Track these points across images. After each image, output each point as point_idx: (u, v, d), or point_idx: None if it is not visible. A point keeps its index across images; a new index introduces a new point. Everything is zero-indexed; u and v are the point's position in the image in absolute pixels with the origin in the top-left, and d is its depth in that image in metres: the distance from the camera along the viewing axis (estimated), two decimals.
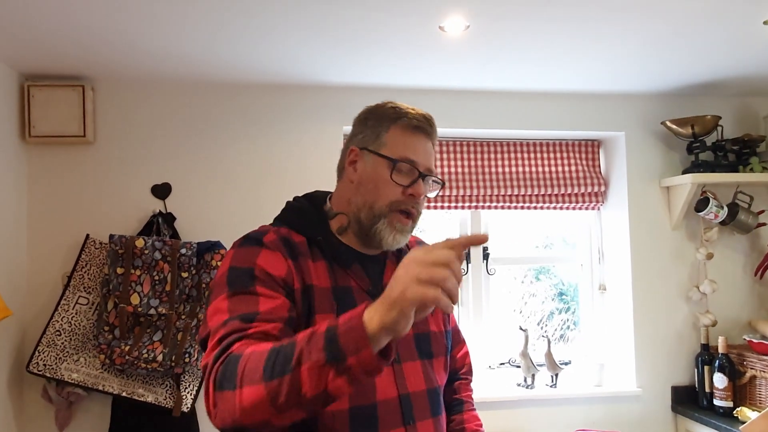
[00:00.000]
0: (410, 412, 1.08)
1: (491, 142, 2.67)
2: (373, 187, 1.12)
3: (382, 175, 1.12)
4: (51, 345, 2.10)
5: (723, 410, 2.38)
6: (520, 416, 2.50)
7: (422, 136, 1.15)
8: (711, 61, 2.22)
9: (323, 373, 0.78)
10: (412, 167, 1.12)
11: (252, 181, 2.38)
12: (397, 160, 1.11)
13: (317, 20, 1.78)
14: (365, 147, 1.15)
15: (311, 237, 1.12)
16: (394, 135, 1.13)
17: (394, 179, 1.11)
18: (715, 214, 2.50)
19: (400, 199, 1.12)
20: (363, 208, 1.13)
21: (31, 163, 2.25)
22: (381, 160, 1.12)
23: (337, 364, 0.77)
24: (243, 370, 0.84)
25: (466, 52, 2.07)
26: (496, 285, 2.74)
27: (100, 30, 1.83)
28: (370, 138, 1.15)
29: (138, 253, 2.12)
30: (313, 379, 0.78)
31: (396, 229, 1.12)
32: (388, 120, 1.15)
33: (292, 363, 0.80)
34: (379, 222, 1.11)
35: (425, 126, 1.16)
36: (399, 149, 1.12)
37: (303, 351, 0.80)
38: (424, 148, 1.15)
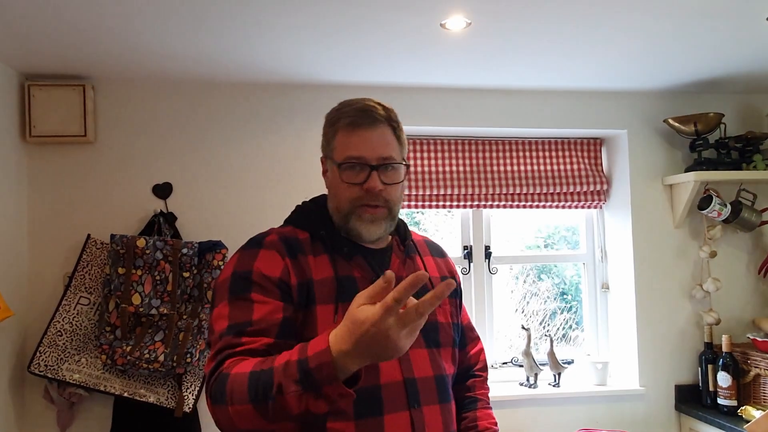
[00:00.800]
0: (416, 396, 1.10)
1: (493, 141, 2.66)
2: (335, 192, 1.19)
3: (337, 178, 1.17)
4: (52, 345, 2.09)
5: (727, 409, 2.37)
6: (522, 415, 2.49)
7: (364, 129, 1.15)
8: (714, 58, 2.21)
9: (303, 399, 0.86)
10: (360, 164, 1.14)
11: (253, 181, 2.38)
12: (341, 162, 1.15)
13: (318, 19, 1.77)
14: (325, 155, 1.22)
15: (314, 232, 1.18)
16: (339, 138, 1.17)
17: (345, 180, 1.15)
18: (718, 212, 2.49)
19: (359, 196, 1.15)
20: (335, 212, 1.19)
21: (31, 163, 2.25)
22: (334, 166, 1.18)
23: (314, 391, 0.85)
24: (231, 391, 0.93)
25: (468, 49, 2.06)
26: (498, 284, 2.73)
27: (100, 29, 1.82)
28: (326, 146, 1.22)
29: (139, 253, 2.11)
30: (296, 403, 0.86)
31: (365, 220, 1.15)
32: (332, 124, 1.20)
33: (272, 392, 0.88)
34: (350, 221, 1.16)
35: (362, 119, 1.15)
36: (344, 150, 1.15)
37: (282, 383, 0.87)
38: (369, 139, 1.15)
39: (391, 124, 1.18)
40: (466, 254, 2.68)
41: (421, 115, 2.49)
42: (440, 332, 1.21)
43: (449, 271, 1.33)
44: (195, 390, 2.18)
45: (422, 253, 1.30)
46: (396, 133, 1.19)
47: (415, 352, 1.14)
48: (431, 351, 1.17)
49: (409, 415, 1.08)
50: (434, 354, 1.17)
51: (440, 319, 1.22)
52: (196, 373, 2.20)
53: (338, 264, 1.15)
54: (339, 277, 1.13)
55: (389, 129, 1.17)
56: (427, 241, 1.37)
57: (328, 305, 1.10)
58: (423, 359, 1.15)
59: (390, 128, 1.17)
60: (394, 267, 1.21)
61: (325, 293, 1.10)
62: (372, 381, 1.07)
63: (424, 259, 1.28)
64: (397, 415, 1.07)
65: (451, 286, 0.82)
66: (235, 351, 1.00)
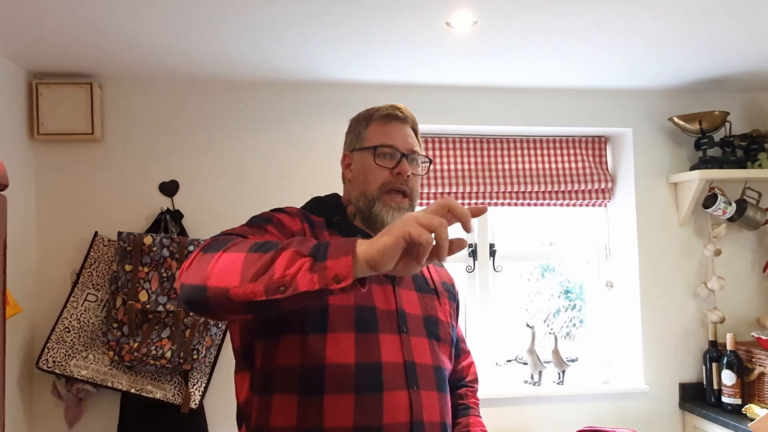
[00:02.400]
0: (415, 378, 1.12)
1: (498, 139, 2.66)
2: (363, 177, 1.24)
3: (368, 163, 1.24)
4: (60, 342, 2.11)
5: (731, 407, 2.37)
6: (527, 413, 2.50)
7: (396, 123, 1.27)
8: (719, 56, 2.20)
9: (298, 261, 0.85)
10: (393, 150, 1.23)
11: (259, 178, 2.39)
12: (377, 146, 1.24)
13: (324, 17, 1.78)
14: (353, 149, 1.30)
15: (329, 218, 1.23)
16: (372, 129, 1.27)
17: (378, 163, 1.23)
18: (723, 210, 2.49)
19: (389, 180, 1.22)
20: (360, 198, 1.24)
21: (39, 160, 2.26)
22: (365, 152, 1.25)
23: (316, 260, 0.84)
24: (233, 244, 0.94)
25: (473, 48, 2.06)
26: (502, 282, 2.74)
27: (107, 28, 1.83)
28: (354, 140, 1.30)
29: (146, 250, 2.13)
30: (288, 262, 0.85)
31: (392, 207, 1.21)
32: (364, 120, 1.30)
33: (279, 246, 0.89)
34: (375, 205, 1.21)
35: (396, 113, 1.27)
36: (377, 138, 1.25)
37: (293, 242, 0.89)
38: (401, 131, 1.26)
39: (413, 128, 1.30)
40: (471, 252, 2.68)
41: (427, 113, 2.50)
42: (440, 328, 1.24)
43: (448, 278, 1.38)
44: (201, 386, 2.20)
45: None
46: (417, 137, 1.30)
47: (416, 339, 1.16)
48: (431, 342, 1.20)
49: (408, 395, 1.09)
50: (434, 345, 1.20)
51: (440, 316, 1.25)
52: (203, 369, 2.21)
53: None
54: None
55: (412, 131, 1.30)
56: None
57: None
58: (423, 347, 1.17)
59: (413, 131, 1.30)
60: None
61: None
62: (374, 358, 1.08)
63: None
64: (396, 393, 1.08)
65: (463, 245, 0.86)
66: (242, 233, 1.05)
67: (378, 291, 1.16)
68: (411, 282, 1.24)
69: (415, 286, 1.24)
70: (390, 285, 1.19)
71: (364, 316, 1.11)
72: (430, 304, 1.24)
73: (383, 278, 1.18)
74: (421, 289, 1.25)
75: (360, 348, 1.08)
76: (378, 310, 1.13)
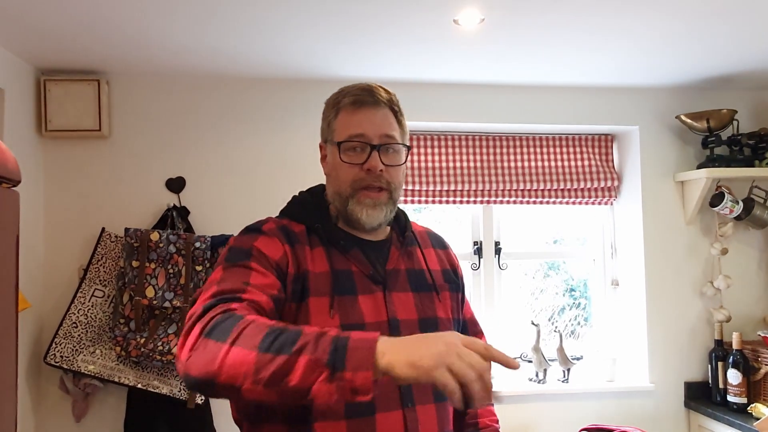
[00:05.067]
0: (409, 395, 1.06)
1: (504, 137, 2.66)
2: (336, 175, 1.15)
3: (337, 160, 1.14)
4: (68, 337, 2.12)
5: (737, 406, 2.37)
6: (531, 411, 2.50)
7: (366, 108, 1.14)
8: (726, 54, 2.19)
9: (316, 371, 0.79)
10: (362, 143, 1.12)
11: (266, 175, 2.39)
12: (342, 141, 1.13)
13: (331, 14, 1.78)
14: (324, 139, 1.20)
15: (310, 225, 1.14)
16: (340, 119, 1.15)
17: (345, 160, 1.12)
18: (730, 209, 2.48)
19: (360, 177, 1.12)
20: (335, 197, 1.16)
21: (47, 157, 2.28)
22: (334, 147, 1.15)
23: (334, 370, 0.79)
24: (241, 331, 0.86)
25: (480, 45, 2.06)
26: (507, 280, 2.74)
27: (115, 25, 1.84)
28: (326, 130, 1.19)
29: (153, 246, 2.14)
30: (305, 371, 0.80)
31: (365, 204, 1.12)
32: (333, 107, 1.18)
33: (293, 348, 0.81)
34: (349, 203, 1.13)
35: (365, 97, 1.14)
36: (345, 130, 1.13)
37: (308, 343, 0.82)
38: (371, 118, 1.13)
39: (392, 108, 1.16)
40: (476, 250, 2.68)
41: (432, 110, 2.50)
42: (440, 328, 1.15)
43: (450, 264, 1.29)
44: None
45: (423, 245, 1.25)
46: (397, 117, 1.17)
47: None
48: None
49: (402, 415, 1.04)
50: None
51: (440, 315, 1.17)
52: None
53: (334, 257, 1.11)
54: (335, 271, 1.09)
55: (391, 112, 1.16)
56: (428, 232, 1.32)
57: (323, 297, 1.06)
58: None
59: (391, 112, 1.16)
60: (393, 260, 1.16)
61: (320, 286, 1.06)
62: None
63: (424, 251, 1.24)
64: (389, 414, 1.02)
65: (514, 367, 0.84)
66: (242, 297, 0.94)
67: (367, 301, 1.09)
68: (406, 281, 1.16)
69: (410, 285, 1.16)
70: (381, 291, 1.11)
71: None
72: (428, 304, 1.16)
73: (372, 284, 1.11)
74: (417, 288, 1.17)
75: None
76: (367, 325, 1.06)
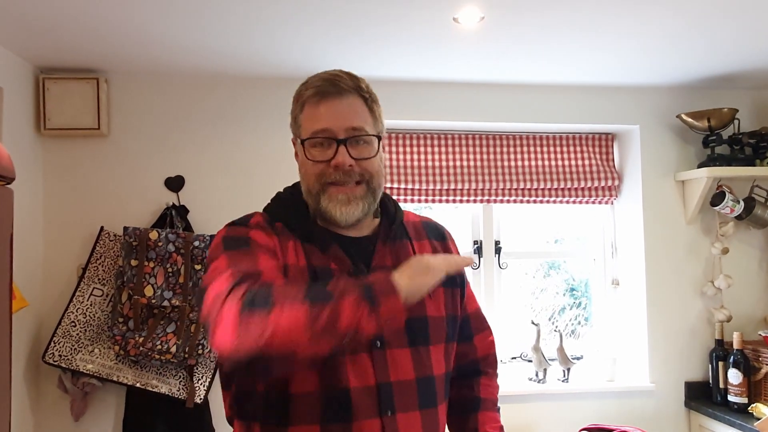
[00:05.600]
0: (389, 402, 1.01)
1: (504, 135, 2.65)
2: (304, 173, 1.10)
3: (303, 157, 1.09)
4: (66, 336, 2.12)
5: (737, 406, 2.36)
6: (531, 411, 2.49)
7: (329, 99, 1.06)
8: (728, 53, 2.18)
9: (360, 309, 0.85)
10: (326, 138, 1.05)
11: (265, 174, 2.38)
12: (306, 138, 1.07)
13: (330, 13, 1.77)
14: (294, 136, 1.14)
15: (287, 223, 1.10)
16: (305, 113, 1.09)
17: (310, 158, 1.07)
18: (731, 208, 2.47)
19: (327, 173, 1.06)
20: (308, 194, 1.10)
21: (46, 155, 2.27)
22: (300, 145, 1.10)
23: (371, 305, 0.85)
24: (280, 293, 0.87)
25: (480, 44, 2.05)
26: (507, 279, 2.73)
27: (114, 23, 1.83)
28: (293, 125, 1.13)
29: (152, 245, 2.13)
30: (351, 311, 0.84)
31: (339, 201, 1.06)
32: (298, 102, 1.11)
33: (334, 294, 0.86)
34: (321, 201, 1.07)
35: (327, 87, 1.06)
36: (310, 125, 1.07)
37: (343, 288, 0.87)
38: (335, 110, 1.05)
39: (361, 95, 1.08)
40: (476, 249, 2.68)
41: (432, 109, 2.49)
42: (430, 328, 1.10)
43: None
44: (206, 381, 2.20)
45: (416, 236, 1.18)
46: (368, 104, 1.09)
47: (395, 352, 1.04)
48: (416, 350, 1.06)
49: (381, 423, 0.99)
50: (419, 353, 1.06)
51: (430, 314, 1.11)
52: (207, 364, 2.22)
53: (313, 255, 1.06)
54: (313, 267, 1.05)
55: (360, 99, 1.08)
56: (425, 222, 1.24)
57: None
58: (404, 360, 1.04)
59: (361, 99, 1.08)
60: (379, 256, 1.10)
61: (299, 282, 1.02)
62: (340, 384, 0.99)
63: (417, 244, 1.17)
64: (366, 423, 0.99)
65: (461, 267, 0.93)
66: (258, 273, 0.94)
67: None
68: None
69: None
70: None
71: None
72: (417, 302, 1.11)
73: None
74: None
75: (326, 375, 0.98)
76: None
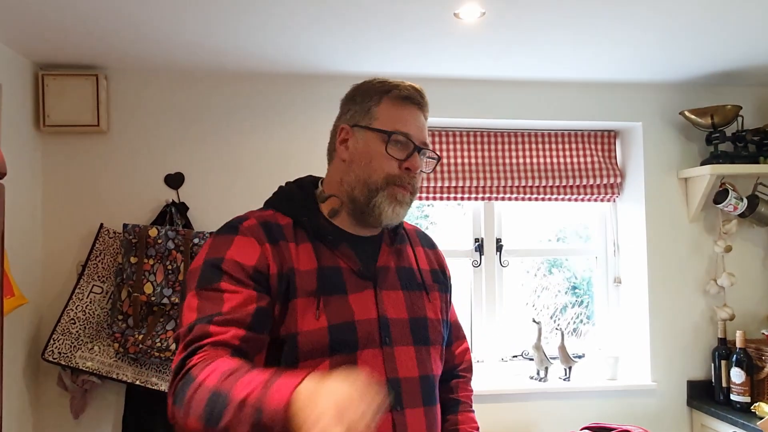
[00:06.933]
0: (399, 398, 1.04)
1: (506, 132, 2.64)
2: (366, 163, 1.09)
3: (376, 149, 1.09)
4: (66, 333, 2.11)
5: (740, 405, 2.35)
6: (532, 409, 2.48)
7: (414, 108, 1.13)
8: (732, 49, 2.17)
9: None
10: (407, 140, 1.10)
11: (265, 171, 2.38)
12: (392, 132, 1.09)
13: (331, 9, 1.76)
14: (356, 124, 1.13)
15: (296, 218, 1.10)
16: (385, 108, 1.11)
17: (390, 152, 1.09)
18: (734, 206, 2.45)
19: (397, 173, 1.09)
20: (357, 185, 1.10)
21: (45, 152, 2.26)
22: (374, 135, 1.10)
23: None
24: (189, 402, 0.87)
25: (481, 40, 2.04)
26: (509, 277, 2.72)
27: (113, 19, 1.82)
28: (361, 114, 1.13)
29: (151, 242, 2.12)
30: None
31: (396, 200, 1.09)
32: (378, 93, 1.12)
33: (222, 422, 0.81)
34: (377, 195, 1.08)
35: (416, 97, 1.13)
36: (392, 122, 1.10)
37: (232, 420, 0.80)
38: (417, 119, 1.12)
39: (426, 117, 1.17)
40: (478, 247, 2.66)
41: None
42: (430, 329, 1.13)
43: (439, 264, 1.27)
44: None
45: (413, 243, 1.24)
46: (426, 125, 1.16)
47: (401, 350, 1.07)
48: (419, 349, 1.10)
49: (391, 419, 1.01)
50: (422, 352, 1.10)
51: (430, 315, 1.15)
52: None
53: (322, 254, 1.07)
54: (322, 268, 1.06)
55: (425, 121, 1.16)
56: (417, 230, 1.30)
57: (310, 298, 1.03)
58: (409, 358, 1.08)
59: (426, 119, 1.16)
60: (384, 257, 1.14)
61: (306, 285, 1.03)
62: None
63: (415, 249, 1.22)
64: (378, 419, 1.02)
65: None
66: (204, 343, 0.93)
67: (357, 299, 1.06)
68: (396, 279, 1.13)
69: (400, 283, 1.13)
70: (371, 288, 1.08)
71: (341, 338, 1.02)
72: (418, 303, 1.14)
73: (361, 281, 1.08)
74: (407, 286, 1.14)
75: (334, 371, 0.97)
76: (357, 323, 1.04)
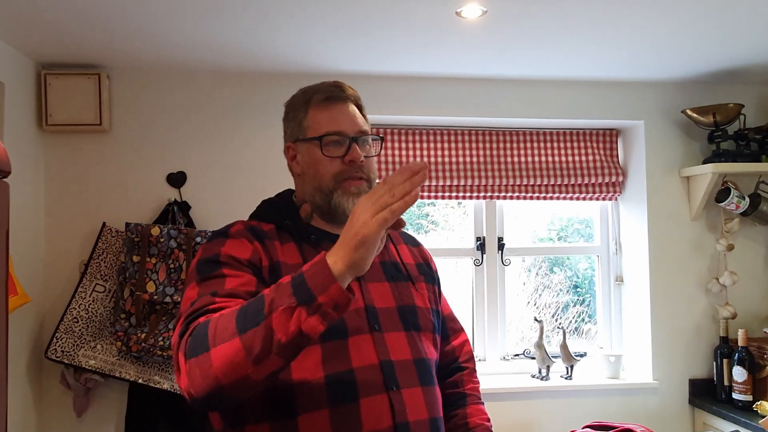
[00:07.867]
0: (393, 378, 1.06)
1: (507, 131, 2.64)
2: (314, 171, 1.16)
3: (316, 156, 1.15)
4: (69, 332, 2.12)
5: (742, 404, 2.35)
6: (534, 408, 2.48)
7: (338, 104, 1.18)
8: (734, 47, 2.16)
9: (296, 315, 0.83)
10: (340, 136, 1.15)
11: (267, 171, 2.38)
12: (322, 135, 1.15)
13: (334, 8, 1.76)
14: (296, 139, 1.20)
15: (279, 224, 1.16)
16: (312, 115, 1.18)
17: (326, 154, 1.14)
18: (737, 204, 2.45)
19: (342, 170, 1.14)
20: (315, 193, 1.16)
21: (48, 151, 2.27)
22: (310, 144, 1.16)
23: (308, 304, 0.83)
24: (214, 331, 0.87)
25: (483, 38, 2.04)
26: (510, 276, 2.72)
27: (116, 18, 1.82)
28: (295, 128, 1.20)
29: (154, 241, 2.13)
30: (286, 322, 0.82)
31: (352, 192, 1.14)
32: (303, 104, 1.20)
33: (264, 312, 0.84)
34: (334, 196, 1.14)
35: (336, 93, 1.19)
36: (321, 126, 1.16)
37: (273, 299, 0.84)
38: (345, 113, 1.18)
39: (357, 104, 1.21)
40: (479, 245, 2.67)
41: (436, 104, 2.48)
42: (419, 316, 1.17)
43: (423, 258, 1.31)
44: None
45: (396, 241, 1.27)
46: (362, 112, 1.21)
47: (392, 335, 1.10)
48: (410, 334, 1.13)
49: (388, 398, 1.03)
50: (413, 337, 1.13)
51: (418, 303, 1.19)
52: None
53: (306, 251, 1.12)
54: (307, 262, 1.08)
55: (357, 108, 1.21)
56: (400, 231, 1.33)
57: None
58: (400, 342, 1.11)
59: (357, 107, 1.21)
60: None
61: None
62: (344, 366, 1.03)
63: (398, 246, 1.26)
64: (374, 398, 1.02)
65: (424, 169, 0.86)
66: (210, 308, 0.95)
67: None
68: (380, 272, 1.17)
69: (385, 275, 1.17)
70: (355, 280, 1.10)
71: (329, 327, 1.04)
72: (405, 293, 1.18)
73: None
74: (392, 277, 1.18)
75: (328, 359, 1.02)
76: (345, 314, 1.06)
